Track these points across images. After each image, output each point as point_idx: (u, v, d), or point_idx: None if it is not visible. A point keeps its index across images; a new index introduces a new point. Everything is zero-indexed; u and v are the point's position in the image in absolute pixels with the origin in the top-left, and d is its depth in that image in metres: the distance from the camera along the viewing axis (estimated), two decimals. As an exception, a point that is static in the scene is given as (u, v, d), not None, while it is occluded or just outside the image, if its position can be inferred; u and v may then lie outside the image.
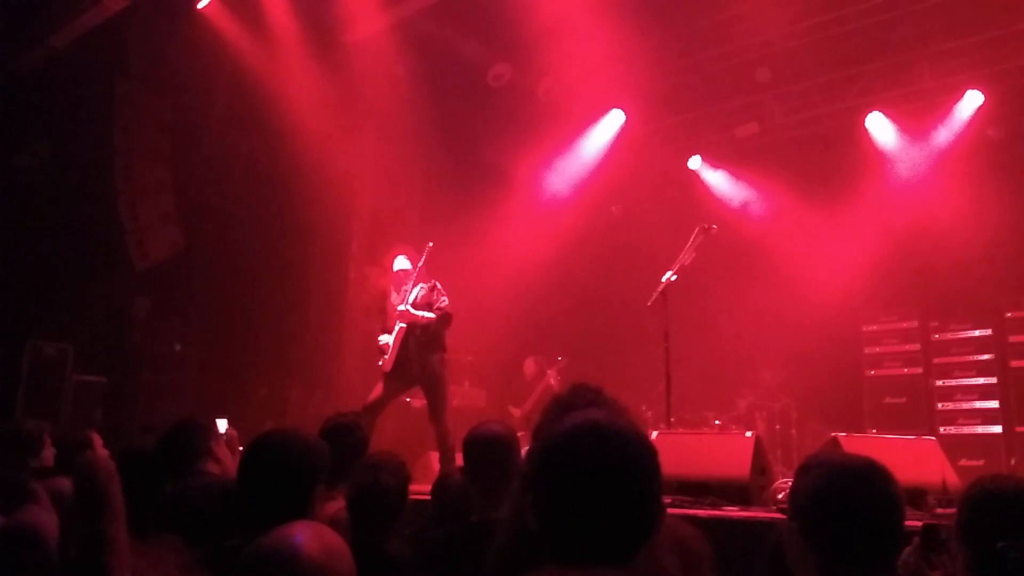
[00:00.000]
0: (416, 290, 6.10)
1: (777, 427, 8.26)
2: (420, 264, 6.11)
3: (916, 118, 8.61)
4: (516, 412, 8.47)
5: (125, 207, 7.97)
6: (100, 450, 3.85)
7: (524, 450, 2.14)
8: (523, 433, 4.30)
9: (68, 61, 7.70)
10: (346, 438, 3.61)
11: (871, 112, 8.81)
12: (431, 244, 6.14)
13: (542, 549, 1.37)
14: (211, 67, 8.19)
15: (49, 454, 3.76)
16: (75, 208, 7.75)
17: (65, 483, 2.69)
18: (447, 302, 6.10)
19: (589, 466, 1.37)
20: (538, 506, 1.40)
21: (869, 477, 1.65)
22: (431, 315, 6.03)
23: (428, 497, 3.33)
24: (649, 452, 1.41)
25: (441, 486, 3.21)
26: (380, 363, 6.11)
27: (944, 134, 8.48)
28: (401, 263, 6.24)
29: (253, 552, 1.52)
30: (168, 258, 8.20)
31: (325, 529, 1.63)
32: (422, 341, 6.04)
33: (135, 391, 7.78)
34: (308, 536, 1.53)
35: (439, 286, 6.16)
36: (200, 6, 7.94)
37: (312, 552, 1.49)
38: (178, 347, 8.19)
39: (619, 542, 1.35)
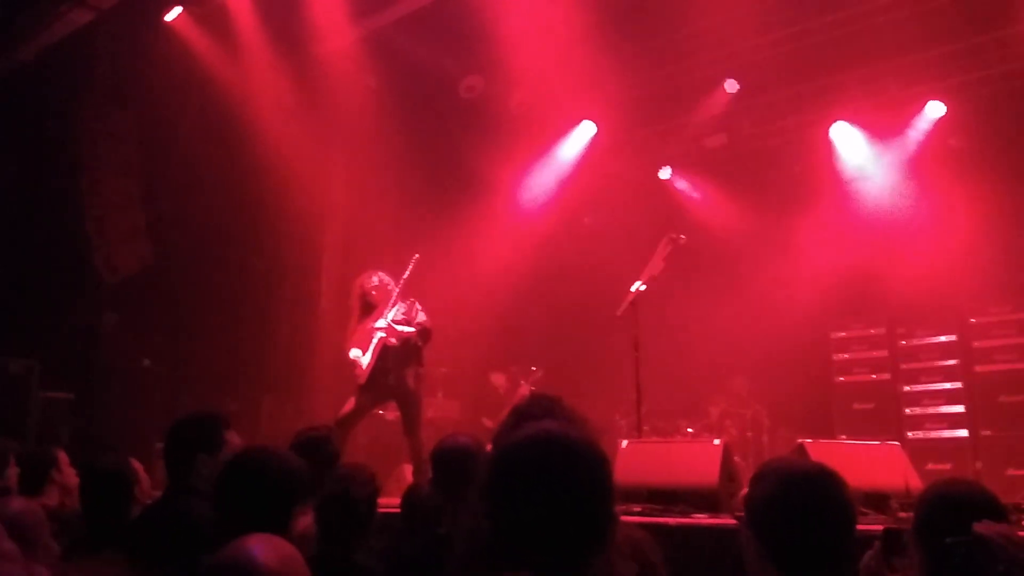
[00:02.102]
0: (396, 307, 6.10)
1: (749, 434, 8.34)
2: (405, 276, 6.12)
3: (881, 128, 8.77)
4: (489, 424, 8.48)
5: (93, 221, 7.89)
6: (67, 468, 3.81)
7: None
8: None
9: (34, 74, 7.62)
10: (317, 451, 3.60)
11: (836, 123, 8.96)
12: (417, 256, 6.15)
13: (499, 558, 1.39)
14: (180, 79, 8.13)
15: (13, 473, 3.70)
16: (42, 222, 7.65)
17: (18, 503, 2.66)
18: (426, 318, 6.12)
19: (537, 476, 1.39)
20: (491, 515, 1.42)
21: (820, 483, 1.69)
22: (411, 329, 6.04)
23: (399, 510, 3.33)
24: (598, 462, 1.43)
25: (410, 498, 3.21)
26: (357, 373, 6.09)
27: (908, 144, 8.64)
28: (379, 280, 6.23)
29: (210, 564, 1.54)
30: (137, 272, 8.12)
31: (280, 540, 1.66)
32: (400, 355, 6.04)
33: (103, 408, 7.67)
34: (264, 548, 1.56)
35: (418, 304, 6.17)
36: (168, 19, 7.91)
37: (269, 562, 1.52)
38: (147, 362, 8.09)
39: (568, 551, 1.37)
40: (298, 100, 8.49)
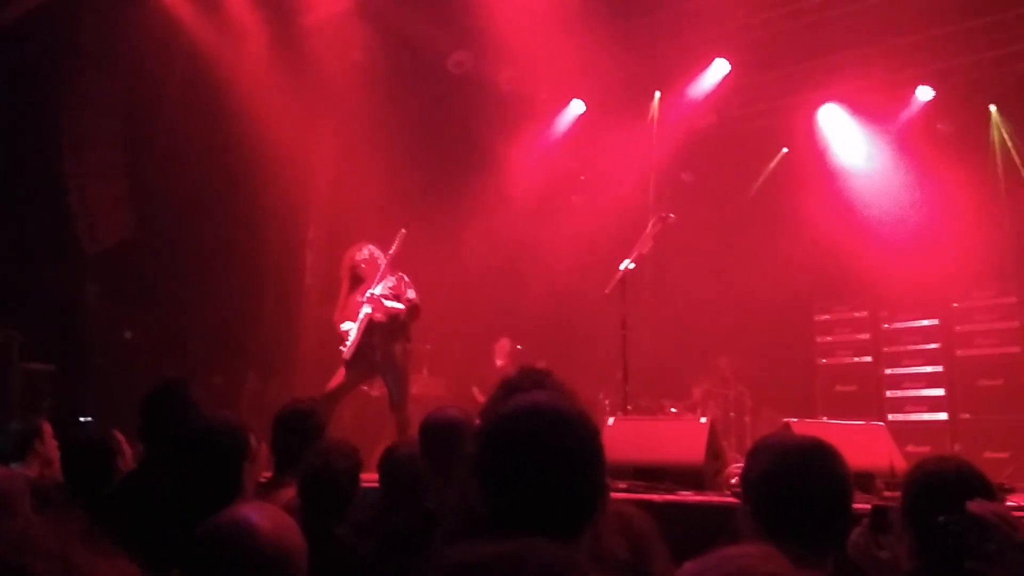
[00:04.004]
0: (384, 282, 6.05)
1: (732, 414, 8.40)
2: (392, 251, 6.06)
3: (869, 112, 8.78)
4: (480, 397, 8.47)
5: (75, 190, 7.76)
6: (50, 440, 3.78)
7: None
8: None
9: (14, 39, 7.45)
10: (302, 425, 3.58)
11: (825, 105, 8.95)
12: (404, 230, 6.09)
13: (487, 531, 1.37)
14: (165, 47, 7.98)
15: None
16: (22, 192, 7.52)
17: None
18: (415, 295, 6.07)
19: (526, 447, 1.38)
20: (480, 487, 1.40)
21: (817, 458, 1.69)
22: (400, 306, 6.00)
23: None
24: (589, 433, 1.42)
25: (388, 463, 3.14)
26: (342, 349, 6.06)
27: (895, 128, 8.66)
28: (368, 252, 6.17)
29: (209, 529, 1.56)
30: (120, 243, 8.01)
31: (274, 508, 1.70)
32: (387, 331, 6.01)
33: (85, 380, 7.60)
34: (259, 514, 1.60)
35: (407, 279, 6.13)
36: (153, -15, 7.74)
37: (266, 526, 1.56)
38: (129, 334, 8.02)
39: (559, 521, 1.36)
40: (284, 70, 8.36)
